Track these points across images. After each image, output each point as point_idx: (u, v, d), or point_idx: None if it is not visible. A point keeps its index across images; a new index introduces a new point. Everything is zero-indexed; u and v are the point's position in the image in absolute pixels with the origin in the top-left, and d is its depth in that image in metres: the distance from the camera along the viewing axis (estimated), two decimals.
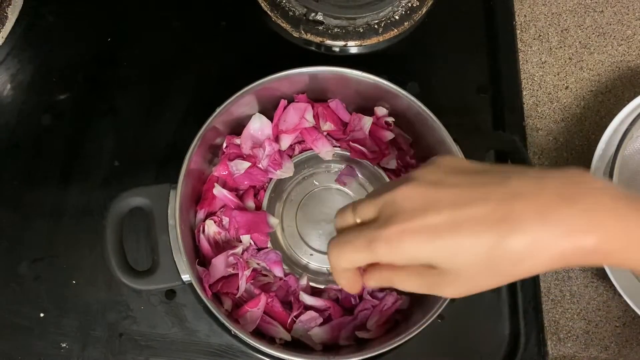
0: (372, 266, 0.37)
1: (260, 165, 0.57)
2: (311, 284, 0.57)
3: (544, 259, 0.31)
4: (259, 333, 0.54)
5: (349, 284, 0.38)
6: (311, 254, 0.59)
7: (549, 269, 0.33)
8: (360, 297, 0.56)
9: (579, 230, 0.31)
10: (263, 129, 0.58)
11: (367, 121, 0.58)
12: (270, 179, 0.59)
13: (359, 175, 0.61)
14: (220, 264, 0.54)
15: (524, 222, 0.31)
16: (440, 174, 0.34)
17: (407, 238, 0.32)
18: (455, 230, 0.32)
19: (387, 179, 0.59)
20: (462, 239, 0.31)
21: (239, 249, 0.55)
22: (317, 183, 0.61)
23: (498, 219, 0.31)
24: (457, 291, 0.35)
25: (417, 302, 0.56)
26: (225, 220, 0.56)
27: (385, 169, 0.60)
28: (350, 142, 0.59)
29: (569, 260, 0.31)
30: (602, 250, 0.31)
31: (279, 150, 0.58)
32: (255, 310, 0.53)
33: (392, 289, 0.55)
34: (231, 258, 0.54)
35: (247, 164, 0.57)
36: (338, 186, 0.61)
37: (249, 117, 0.58)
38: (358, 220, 0.36)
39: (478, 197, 0.32)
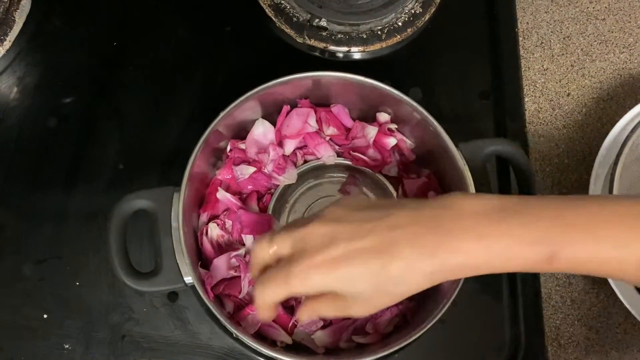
0: (301, 304, 0.43)
1: (265, 171, 0.58)
2: None
3: (418, 278, 0.37)
4: (260, 336, 0.54)
5: (267, 316, 0.42)
6: None
7: (427, 286, 0.38)
8: None
9: (443, 252, 0.37)
10: (266, 134, 0.58)
11: (371, 130, 0.58)
12: (276, 186, 0.59)
13: (362, 184, 0.61)
14: (222, 265, 0.54)
15: (399, 250, 0.37)
16: (341, 212, 0.40)
17: (313, 271, 0.38)
18: (349, 261, 0.37)
19: (390, 187, 0.60)
20: (355, 268, 0.37)
21: (241, 251, 0.55)
22: (320, 194, 0.61)
23: (381, 250, 0.37)
24: (359, 312, 0.41)
25: (418, 306, 0.56)
26: (228, 223, 0.56)
27: (387, 177, 0.60)
28: (351, 151, 0.59)
29: (440, 276, 0.38)
30: (467, 265, 0.37)
31: (283, 155, 0.59)
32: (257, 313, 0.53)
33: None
34: (234, 260, 0.54)
35: (252, 169, 0.57)
36: (342, 196, 0.61)
37: (252, 122, 0.58)
38: (275, 257, 0.41)
39: (366, 232, 0.38)
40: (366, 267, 0.37)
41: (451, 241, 0.37)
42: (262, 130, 0.58)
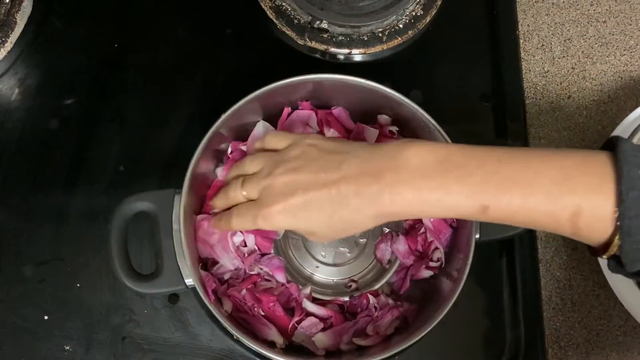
0: None
1: None
2: (316, 295, 0.57)
3: (364, 220, 0.44)
4: (259, 337, 0.54)
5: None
6: (317, 266, 0.59)
7: (374, 225, 0.45)
8: (366, 305, 0.56)
9: (383, 202, 0.42)
10: None
11: (372, 133, 0.58)
12: None
13: None
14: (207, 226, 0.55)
15: (348, 200, 0.43)
16: (299, 162, 0.45)
17: (275, 215, 0.45)
18: (306, 208, 0.44)
19: None
20: (311, 214, 0.44)
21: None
22: None
23: (332, 199, 0.43)
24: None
25: (419, 309, 0.56)
26: None
27: None
28: None
29: (382, 219, 0.44)
30: (405, 212, 0.43)
31: None
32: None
33: (395, 306, 0.56)
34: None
35: None
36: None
37: (253, 124, 0.58)
38: (245, 198, 0.48)
39: (321, 183, 0.43)
40: (320, 214, 0.44)
41: (390, 193, 0.42)
42: (262, 132, 0.58)
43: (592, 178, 0.39)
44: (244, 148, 0.58)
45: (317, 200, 0.43)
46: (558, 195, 0.39)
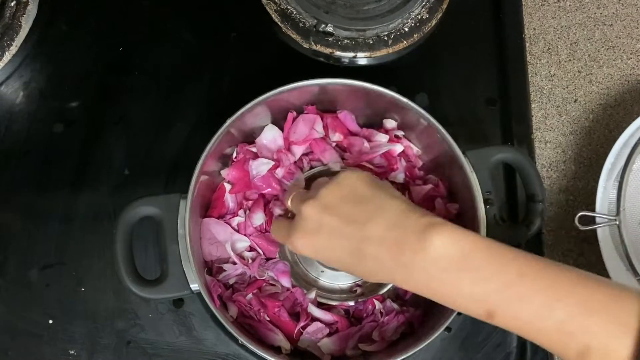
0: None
1: (276, 174, 0.58)
2: (321, 300, 0.57)
3: (378, 280, 0.45)
4: (265, 343, 0.54)
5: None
6: (322, 271, 0.59)
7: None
8: (372, 311, 0.56)
9: (396, 278, 0.43)
10: (275, 140, 0.58)
11: (382, 138, 0.58)
12: (283, 191, 0.59)
13: None
14: (220, 231, 0.55)
15: (365, 262, 0.44)
16: (334, 198, 0.46)
17: (300, 247, 0.46)
18: (328, 251, 0.45)
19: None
20: (332, 255, 0.46)
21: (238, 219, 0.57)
22: None
23: (353, 253, 0.44)
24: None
25: (425, 315, 0.56)
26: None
27: (393, 183, 0.60)
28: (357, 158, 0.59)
29: (395, 284, 0.47)
30: (413, 291, 0.43)
31: (294, 162, 0.59)
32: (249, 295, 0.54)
33: (401, 311, 0.56)
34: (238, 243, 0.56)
35: (270, 164, 0.57)
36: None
37: (261, 128, 0.58)
38: (289, 206, 0.50)
39: (345, 235, 0.44)
40: (340, 258, 0.45)
41: (404, 274, 0.42)
42: (271, 136, 0.58)
43: (614, 319, 0.36)
44: (253, 149, 0.58)
45: (339, 248, 0.44)
46: (570, 331, 0.37)
